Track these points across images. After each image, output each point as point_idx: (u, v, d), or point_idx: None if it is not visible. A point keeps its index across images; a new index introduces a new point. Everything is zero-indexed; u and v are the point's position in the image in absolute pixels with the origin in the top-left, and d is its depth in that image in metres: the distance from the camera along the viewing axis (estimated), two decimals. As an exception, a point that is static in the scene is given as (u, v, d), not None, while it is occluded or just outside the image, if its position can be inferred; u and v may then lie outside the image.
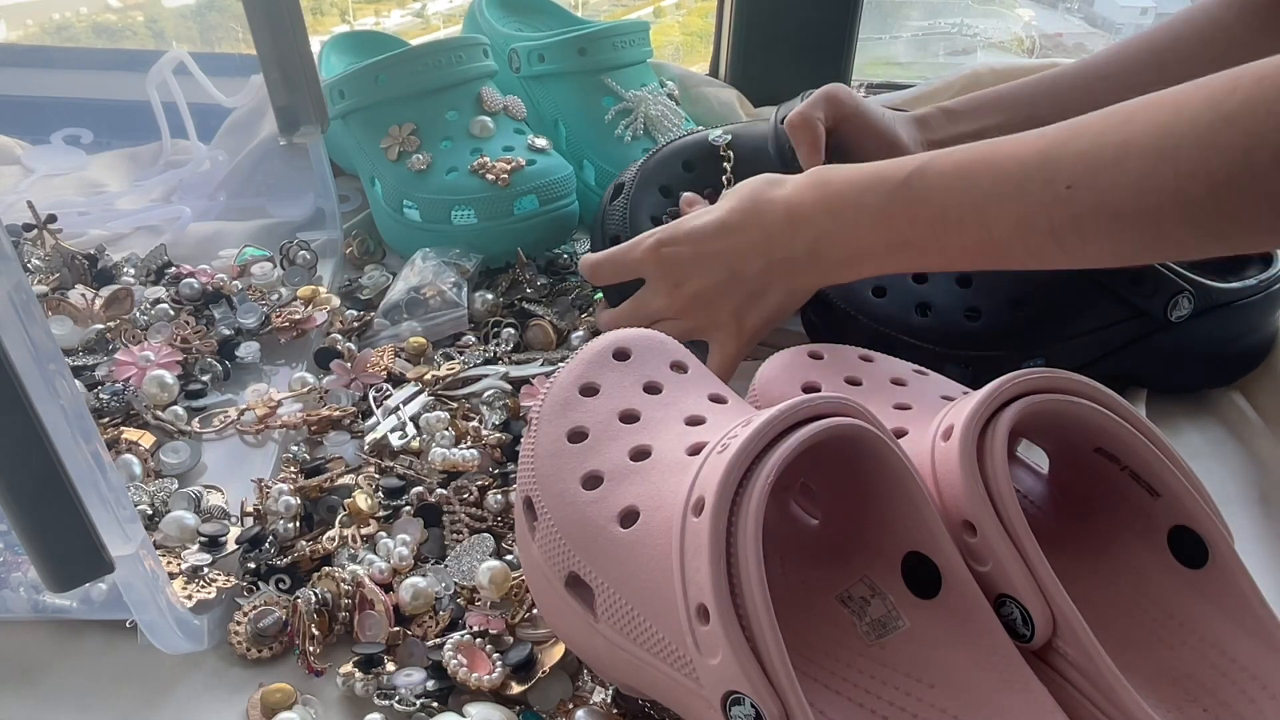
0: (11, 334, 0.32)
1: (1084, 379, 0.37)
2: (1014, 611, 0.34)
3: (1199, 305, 0.57)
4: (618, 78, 0.80)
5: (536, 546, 0.40)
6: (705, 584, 0.31)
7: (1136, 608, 0.38)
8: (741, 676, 0.30)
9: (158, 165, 0.87)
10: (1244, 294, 0.58)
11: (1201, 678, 0.36)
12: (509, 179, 0.70)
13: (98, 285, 0.69)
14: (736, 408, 0.42)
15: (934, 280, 0.59)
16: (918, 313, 0.58)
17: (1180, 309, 0.57)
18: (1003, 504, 0.34)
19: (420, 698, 0.42)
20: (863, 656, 0.36)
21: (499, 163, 0.71)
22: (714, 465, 0.33)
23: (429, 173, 0.72)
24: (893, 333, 0.58)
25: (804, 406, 0.34)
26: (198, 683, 0.44)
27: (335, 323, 0.67)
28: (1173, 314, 0.57)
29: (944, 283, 0.58)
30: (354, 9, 1.68)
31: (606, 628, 0.36)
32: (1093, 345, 0.58)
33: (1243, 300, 0.58)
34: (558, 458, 0.40)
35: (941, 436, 0.37)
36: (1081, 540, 0.40)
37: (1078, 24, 1.55)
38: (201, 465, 0.57)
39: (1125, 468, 0.38)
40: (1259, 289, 0.58)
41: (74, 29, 1.37)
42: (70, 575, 0.37)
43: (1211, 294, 0.57)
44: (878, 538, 0.37)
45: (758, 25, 0.96)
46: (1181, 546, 0.37)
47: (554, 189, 0.72)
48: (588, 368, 0.43)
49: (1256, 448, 0.58)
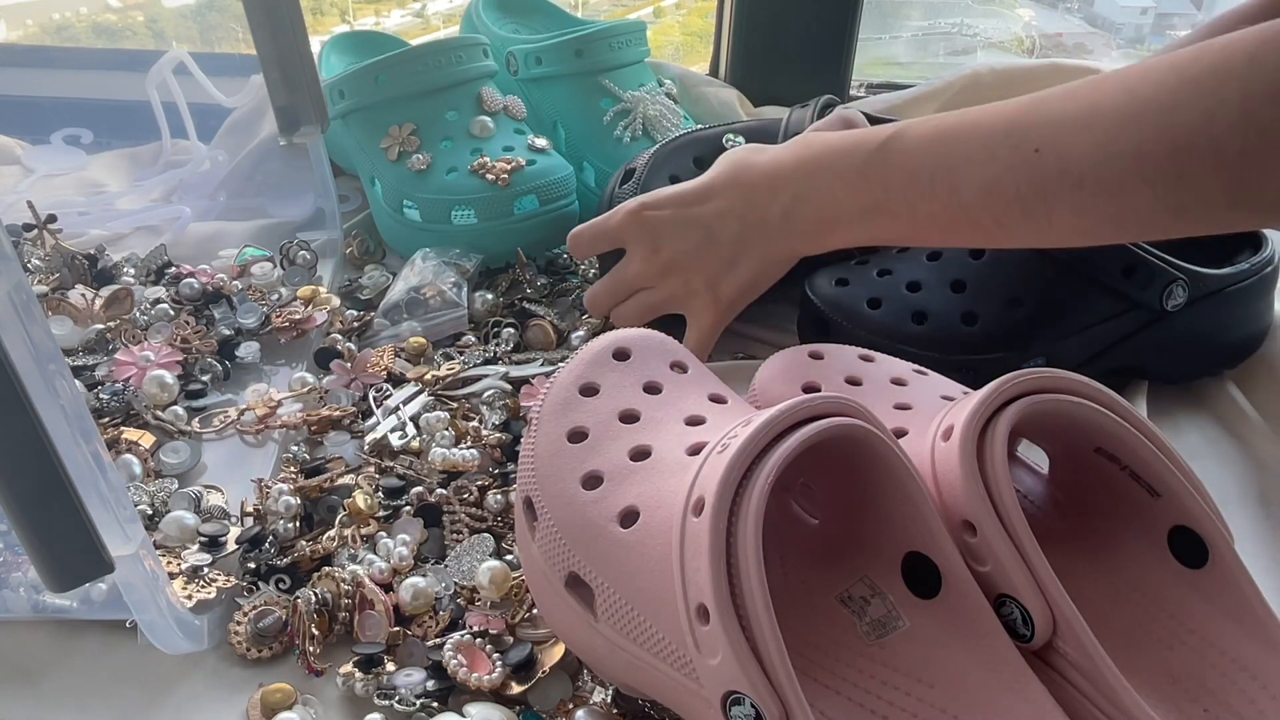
0: (11, 334, 0.32)
1: (1084, 379, 0.37)
2: (1014, 611, 0.34)
3: (1193, 293, 0.57)
4: (615, 78, 0.80)
5: (536, 546, 0.40)
6: (705, 584, 0.31)
7: (1136, 608, 0.38)
8: (741, 676, 0.30)
9: (158, 165, 0.87)
10: (1236, 279, 0.59)
11: (1201, 677, 0.36)
12: (509, 179, 0.70)
13: (98, 285, 0.69)
14: (736, 408, 0.42)
15: (928, 287, 0.59)
16: (914, 321, 0.58)
17: (1175, 298, 0.57)
18: (1003, 504, 0.34)
19: (420, 698, 0.42)
20: (863, 656, 0.36)
21: (499, 163, 0.71)
22: (714, 465, 0.33)
23: (429, 173, 0.72)
24: (891, 343, 0.58)
25: (804, 406, 0.34)
26: (198, 683, 0.44)
27: (335, 323, 0.67)
28: (1168, 303, 0.57)
29: (938, 289, 0.58)
30: (354, 9, 1.68)
31: (606, 628, 0.36)
32: (1093, 341, 0.58)
33: (1235, 285, 0.59)
34: (558, 458, 0.40)
35: (941, 436, 0.37)
36: (1081, 540, 0.40)
37: (1078, 24, 1.55)
38: (201, 465, 0.57)
39: (1125, 468, 0.38)
40: (1251, 273, 0.59)
41: (74, 29, 1.38)
42: (70, 575, 0.36)
43: (1205, 281, 0.58)
44: (878, 538, 0.37)
45: (758, 25, 0.96)
46: (1181, 546, 0.37)
47: (554, 189, 0.72)
48: (588, 368, 0.43)
49: (1256, 447, 0.58)
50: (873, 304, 0.59)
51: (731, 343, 0.67)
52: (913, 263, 0.60)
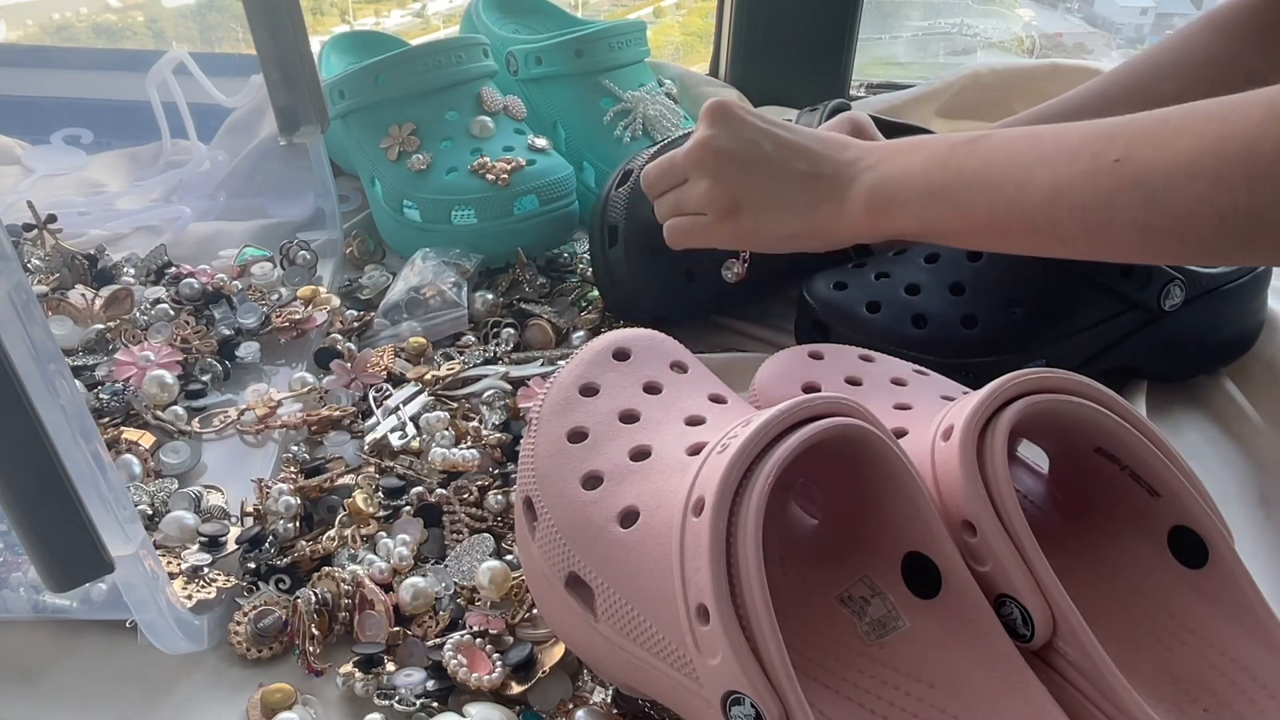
0: (11, 334, 0.32)
1: (1084, 379, 0.37)
2: (1014, 611, 0.34)
3: (1189, 292, 0.58)
4: (615, 78, 0.80)
5: (536, 546, 0.40)
6: (705, 584, 0.31)
7: (1136, 608, 0.38)
8: (742, 676, 0.30)
9: (158, 165, 0.88)
10: (1231, 278, 0.59)
11: (1201, 677, 0.36)
12: (509, 179, 0.70)
13: (98, 285, 0.69)
14: (736, 408, 0.42)
15: (927, 290, 0.59)
16: (914, 325, 0.58)
17: (1173, 297, 0.57)
18: (1003, 504, 0.34)
19: (420, 698, 0.42)
20: (863, 656, 0.36)
21: (499, 163, 0.71)
22: (714, 465, 0.33)
23: (429, 173, 0.72)
24: (891, 348, 0.58)
25: (804, 406, 0.34)
26: (198, 683, 0.44)
27: (335, 323, 0.67)
28: (1166, 303, 0.57)
29: (937, 292, 0.58)
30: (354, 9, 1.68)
31: (606, 628, 0.36)
32: (1091, 341, 0.58)
33: (1230, 284, 0.59)
34: (558, 458, 0.40)
35: (941, 436, 0.37)
36: (1081, 540, 0.40)
37: (1078, 24, 1.55)
38: (201, 465, 0.57)
39: (1125, 468, 0.38)
40: (1245, 271, 0.60)
41: (74, 29, 1.38)
42: (70, 575, 0.37)
43: (1201, 280, 0.58)
44: (877, 537, 0.37)
45: (758, 25, 0.96)
46: (1181, 546, 0.37)
47: (554, 189, 0.72)
48: (588, 368, 0.43)
49: (1256, 447, 0.58)
50: (871, 307, 0.59)
51: (729, 341, 0.67)
52: (910, 265, 0.60)
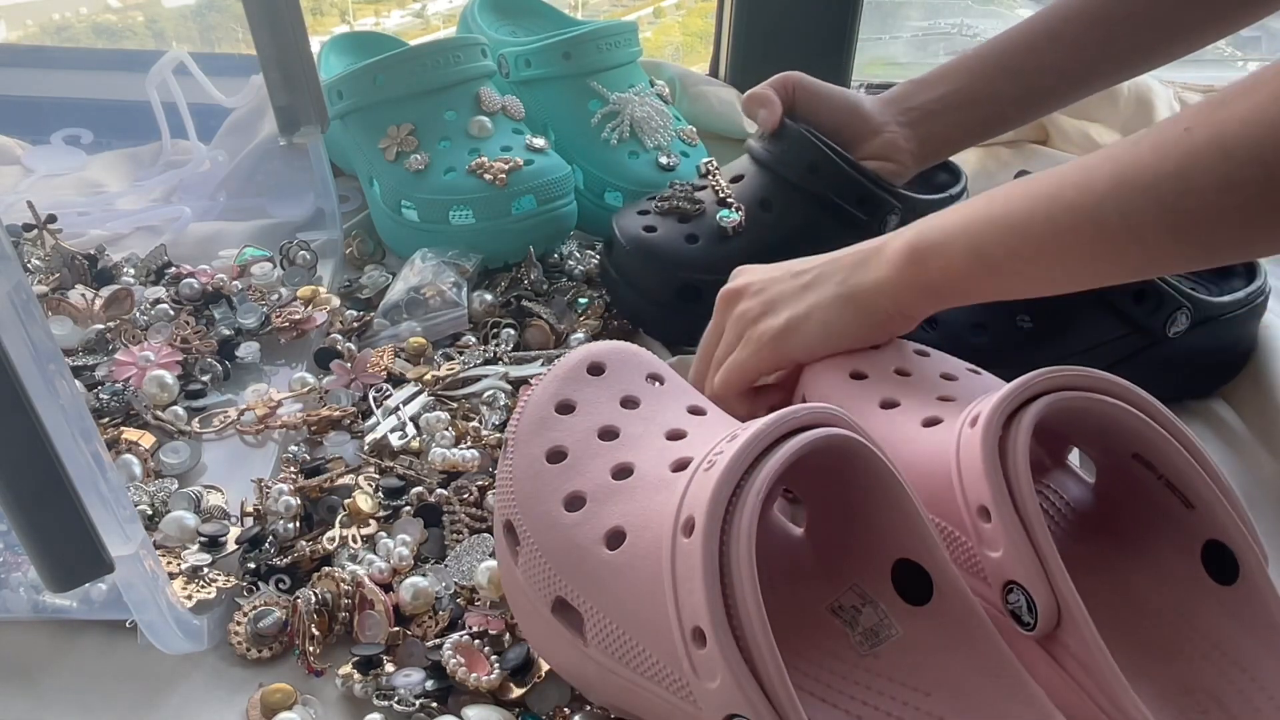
0: (11, 334, 0.32)
1: (1120, 380, 0.36)
2: (1020, 599, 0.34)
3: (1193, 319, 0.57)
4: (604, 80, 0.80)
5: (520, 571, 0.39)
6: (700, 607, 0.30)
7: (1162, 618, 0.38)
8: (742, 699, 0.30)
9: (158, 165, 0.87)
10: (1234, 307, 0.59)
11: (1217, 692, 0.36)
12: (507, 179, 0.70)
13: (98, 285, 0.69)
14: (716, 419, 0.42)
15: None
16: (926, 325, 0.57)
17: (1178, 325, 0.57)
18: (1019, 491, 0.34)
19: (419, 698, 0.42)
20: (857, 668, 0.36)
21: (497, 163, 0.71)
22: (702, 483, 0.33)
23: (427, 173, 0.72)
24: None
25: (789, 419, 0.33)
26: (198, 683, 0.44)
27: (335, 323, 0.67)
28: (1170, 330, 0.57)
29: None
30: (354, 9, 1.68)
31: (597, 652, 0.36)
32: (1094, 360, 0.56)
33: (1232, 314, 0.59)
34: (537, 479, 0.39)
35: (969, 424, 0.37)
36: (1117, 547, 0.40)
37: (1077, 24, 1.54)
38: (201, 465, 0.57)
39: (1161, 476, 0.37)
40: (1247, 301, 0.59)
41: (74, 29, 1.38)
42: (70, 575, 0.37)
43: (1206, 308, 0.57)
44: (866, 546, 0.37)
45: (758, 25, 0.96)
46: (1213, 561, 0.37)
47: (552, 189, 0.72)
48: (562, 384, 0.42)
49: (1250, 463, 0.57)
50: None
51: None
52: None
